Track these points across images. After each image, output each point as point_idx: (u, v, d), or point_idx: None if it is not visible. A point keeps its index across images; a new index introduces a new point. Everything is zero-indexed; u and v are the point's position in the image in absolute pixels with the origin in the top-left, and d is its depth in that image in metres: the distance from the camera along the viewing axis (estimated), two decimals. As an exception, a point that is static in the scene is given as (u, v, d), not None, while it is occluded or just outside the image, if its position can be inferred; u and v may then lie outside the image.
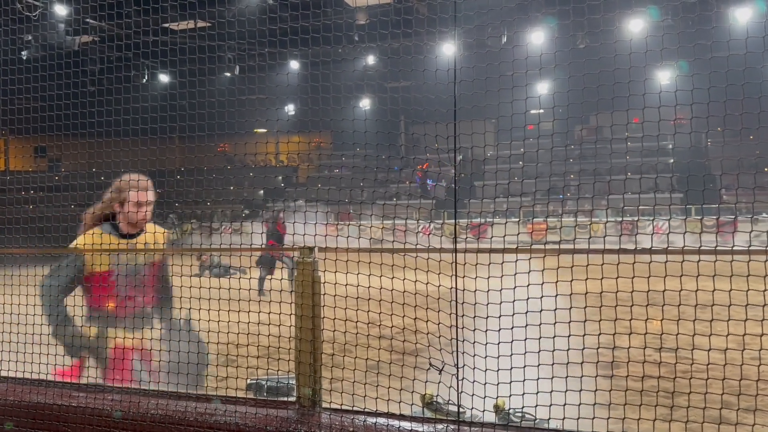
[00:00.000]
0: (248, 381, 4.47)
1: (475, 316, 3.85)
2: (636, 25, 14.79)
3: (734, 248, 3.54)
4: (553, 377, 3.64)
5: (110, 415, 4.11)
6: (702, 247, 3.57)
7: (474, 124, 5.07)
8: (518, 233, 4.54)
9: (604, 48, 4.99)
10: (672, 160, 23.11)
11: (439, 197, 23.69)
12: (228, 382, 4.16)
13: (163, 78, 20.82)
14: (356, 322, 4.00)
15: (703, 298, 3.66)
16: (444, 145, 4.20)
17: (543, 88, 18.04)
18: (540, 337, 3.70)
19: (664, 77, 15.65)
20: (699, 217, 4.47)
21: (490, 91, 4.96)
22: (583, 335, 3.65)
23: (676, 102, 4.52)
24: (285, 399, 4.15)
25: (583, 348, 3.67)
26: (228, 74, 19.99)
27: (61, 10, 16.89)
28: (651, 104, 4.33)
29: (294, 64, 19.87)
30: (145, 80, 20.50)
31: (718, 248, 3.56)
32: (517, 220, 10.51)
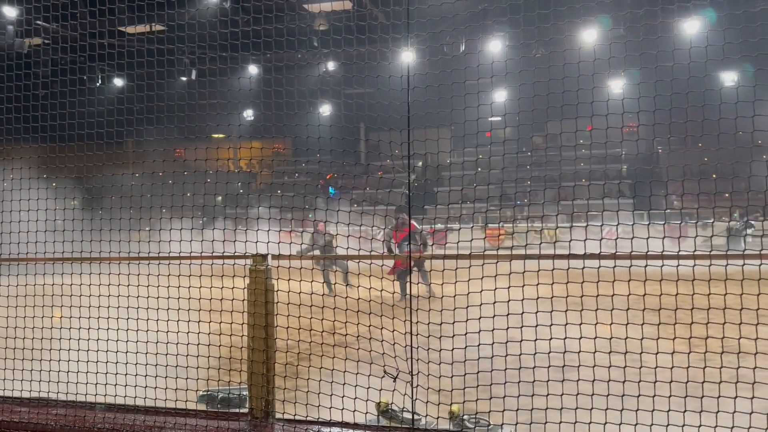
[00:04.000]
0: (200, 392, 4.37)
1: (429, 323, 3.85)
2: (590, 35, 15.11)
3: (680, 253, 3.63)
4: (506, 382, 3.66)
5: (54, 429, 3.96)
6: (649, 252, 3.65)
7: (434, 131, 5.09)
8: (471, 239, 4.56)
9: (559, 57, 5.07)
10: (624, 167, 23.65)
11: (398, 203, 23.78)
12: (178, 393, 4.06)
13: (118, 82, 20.38)
14: (310, 330, 3.96)
15: (651, 301, 3.74)
16: (405, 151, 4.20)
17: (500, 96, 18.34)
18: (493, 343, 3.73)
19: (617, 86, 16.05)
20: (647, 223, 4.60)
21: (449, 99, 5.01)
22: (535, 340, 3.68)
23: (632, 109, 4.63)
24: (237, 410, 4.07)
25: (535, 353, 3.71)
26: (184, 78, 19.65)
27: (9, 12, 16.37)
28: (603, 112, 4.43)
29: (252, 69, 19.68)
30: (98, 84, 20.01)
31: (664, 253, 3.64)
32: (471, 225, 10.62)
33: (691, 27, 14.54)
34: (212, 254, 4.17)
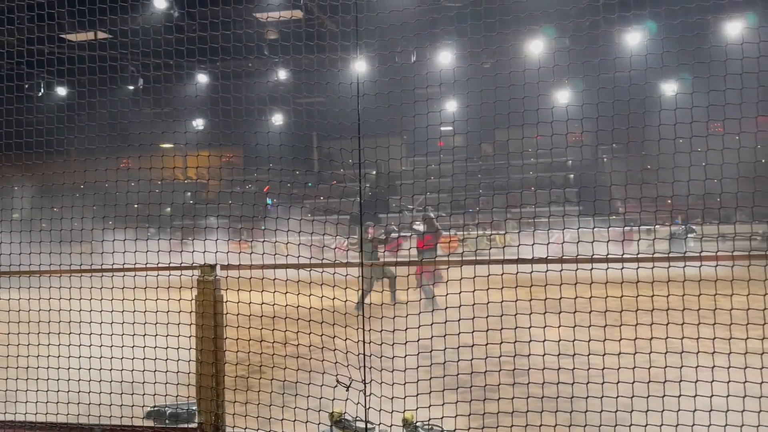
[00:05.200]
0: (147, 408, 4.24)
1: (381, 330, 3.84)
2: (536, 46, 15.49)
3: (624, 256, 3.72)
4: (458, 388, 3.67)
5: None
6: (594, 256, 3.74)
7: (386, 139, 5.12)
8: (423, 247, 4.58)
9: (506, 66, 5.17)
10: (570, 175, 24.19)
11: (353, 213, 23.77)
12: (124, 410, 3.93)
13: (61, 91, 19.75)
14: (261, 341, 3.89)
15: (598, 304, 3.83)
16: (357, 159, 4.20)
17: (451, 105, 18.59)
18: (445, 348, 3.74)
19: (562, 96, 16.51)
20: (593, 228, 4.74)
21: (399, 107, 5.04)
22: (486, 344, 3.71)
23: (577, 117, 4.76)
24: (186, 425, 3.96)
25: (486, 357, 3.74)
26: (131, 87, 19.18)
27: (-57, 17, 15.67)
28: (550, 120, 4.54)
29: (201, 78, 19.36)
30: (40, 93, 19.34)
31: (609, 256, 3.73)
32: (422, 231, 10.60)
33: (633, 38, 15.03)
34: (158, 265, 4.06)
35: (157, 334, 3.97)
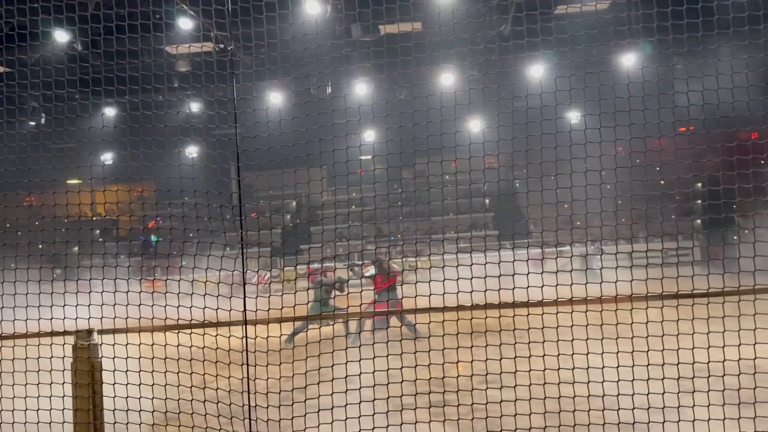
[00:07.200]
0: None
1: (267, 378, 3.75)
2: (447, 79, 16.08)
3: (542, 274, 3.86)
4: (374, 429, 3.63)
5: None
6: (510, 275, 3.85)
7: (307, 170, 5.11)
8: (349, 279, 4.56)
9: (422, 98, 5.32)
10: (487, 200, 24.88)
11: (275, 245, 23.39)
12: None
13: (-45, 127, 18.56)
14: (139, 411, 3.73)
15: (506, 323, 3.92)
16: (278, 192, 4.15)
17: (369, 135, 18.80)
18: (347, 390, 3.68)
19: (475, 125, 17.10)
20: (510, 249, 4.90)
21: (321, 138, 5.07)
22: (414, 366, 3.72)
23: (491, 145, 4.91)
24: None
25: (388, 399, 3.72)
26: (33, 123, 18.26)
27: None
28: (465, 149, 4.69)
29: (110, 112, 18.69)
30: (-68, 129, 18.10)
31: (530, 274, 3.85)
32: (346, 264, 10.48)
33: (537, 70, 15.86)
34: (26, 334, 3.80)
35: (27, 408, 3.73)
